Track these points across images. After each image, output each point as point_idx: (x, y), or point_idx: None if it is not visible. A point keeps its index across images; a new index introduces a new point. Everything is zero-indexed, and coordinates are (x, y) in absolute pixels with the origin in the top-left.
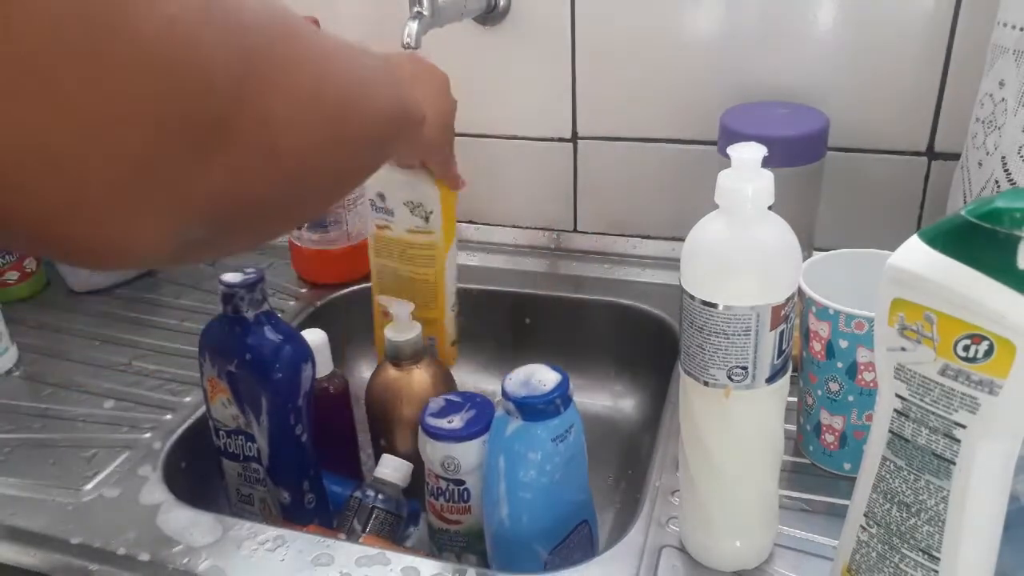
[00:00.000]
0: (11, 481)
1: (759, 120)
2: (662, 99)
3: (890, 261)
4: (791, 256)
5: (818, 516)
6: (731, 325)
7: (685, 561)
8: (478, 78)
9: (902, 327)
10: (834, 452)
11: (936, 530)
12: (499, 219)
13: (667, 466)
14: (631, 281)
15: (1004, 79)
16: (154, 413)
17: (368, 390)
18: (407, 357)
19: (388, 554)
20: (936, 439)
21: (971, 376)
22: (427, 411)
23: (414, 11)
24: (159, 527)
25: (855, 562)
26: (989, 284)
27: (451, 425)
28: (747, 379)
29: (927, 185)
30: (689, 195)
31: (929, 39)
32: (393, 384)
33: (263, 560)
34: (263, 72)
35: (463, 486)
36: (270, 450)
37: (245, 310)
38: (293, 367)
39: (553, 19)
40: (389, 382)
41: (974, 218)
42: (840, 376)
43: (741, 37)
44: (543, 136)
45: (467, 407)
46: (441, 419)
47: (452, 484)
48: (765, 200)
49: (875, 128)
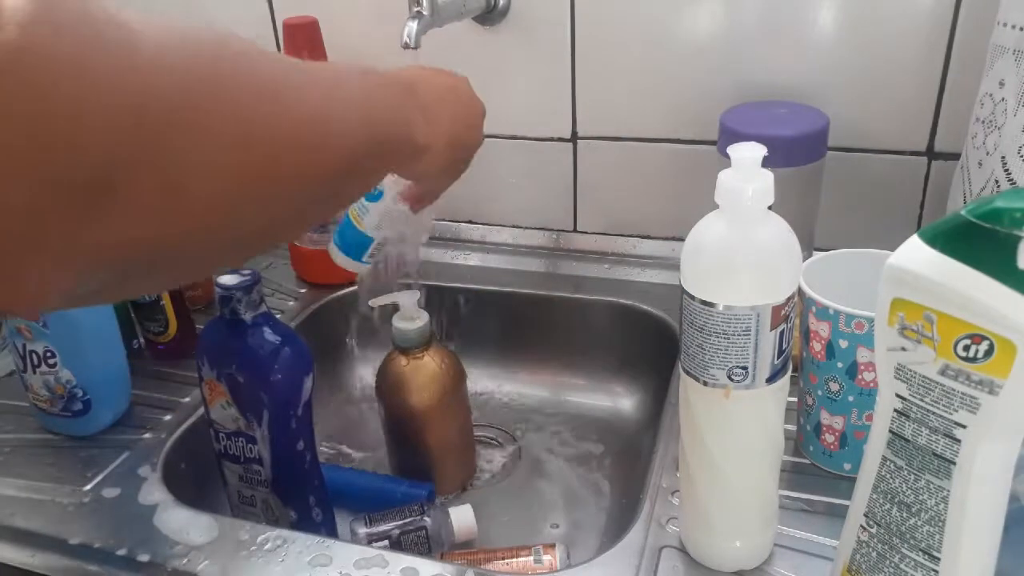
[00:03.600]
0: (11, 481)
1: (759, 120)
2: (662, 99)
3: (890, 261)
4: (791, 256)
5: (818, 516)
6: (731, 325)
7: (685, 561)
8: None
9: (902, 327)
10: (834, 452)
11: (936, 530)
12: (499, 219)
13: (667, 466)
14: (631, 281)
15: (1004, 79)
16: (154, 413)
17: (378, 379)
18: (415, 345)
19: (386, 555)
20: (936, 439)
21: (971, 376)
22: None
23: (414, 11)
24: (159, 527)
25: (855, 562)
26: (989, 284)
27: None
28: (747, 379)
29: (927, 185)
30: (689, 195)
31: (929, 39)
32: (403, 373)
33: (262, 560)
34: (168, 119)
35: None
36: (273, 466)
37: (243, 312)
38: (292, 369)
39: (553, 19)
40: (399, 371)
41: (974, 218)
42: (840, 376)
43: (741, 37)
44: (543, 136)
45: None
46: None
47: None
48: (765, 200)
49: (875, 128)
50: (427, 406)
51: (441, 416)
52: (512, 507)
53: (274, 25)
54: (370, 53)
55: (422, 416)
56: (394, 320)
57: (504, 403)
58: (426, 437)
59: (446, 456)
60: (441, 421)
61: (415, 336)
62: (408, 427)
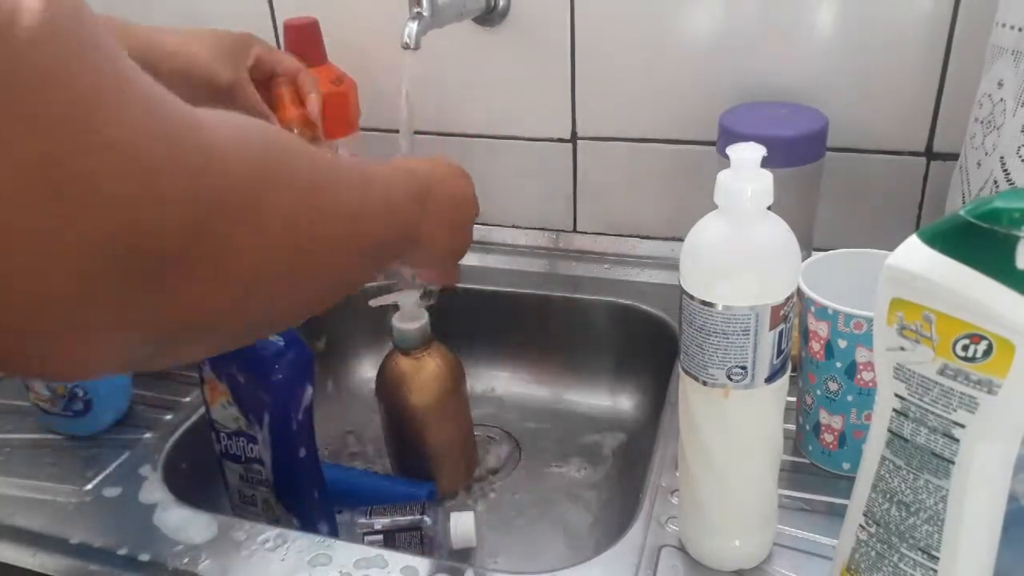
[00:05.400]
0: (11, 481)
1: (759, 120)
2: (662, 99)
3: (889, 261)
4: (790, 256)
5: (817, 516)
6: (730, 325)
7: (685, 561)
8: (478, 78)
9: (901, 327)
10: (833, 452)
11: (935, 529)
12: (498, 219)
13: (667, 466)
14: (630, 281)
15: (1003, 79)
16: (154, 413)
17: (378, 379)
18: (415, 345)
19: (386, 555)
20: (935, 438)
21: (970, 376)
22: None
23: (414, 11)
24: (159, 527)
25: (854, 561)
26: (988, 284)
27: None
28: (746, 379)
29: (926, 185)
30: (688, 195)
31: (928, 39)
32: (403, 373)
33: (263, 560)
34: (229, 213)
35: None
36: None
37: None
38: (294, 371)
39: (553, 19)
40: (399, 371)
41: (973, 218)
42: (839, 376)
43: (741, 37)
44: (543, 136)
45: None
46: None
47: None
48: (764, 200)
49: (874, 128)
50: (427, 406)
51: (441, 416)
52: (512, 507)
53: (274, 25)
54: (370, 53)
55: (422, 416)
56: (394, 320)
57: (503, 403)
58: (426, 437)
59: (446, 456)
60: (441, 421)
61: (415, 336)
62: (408, 427)
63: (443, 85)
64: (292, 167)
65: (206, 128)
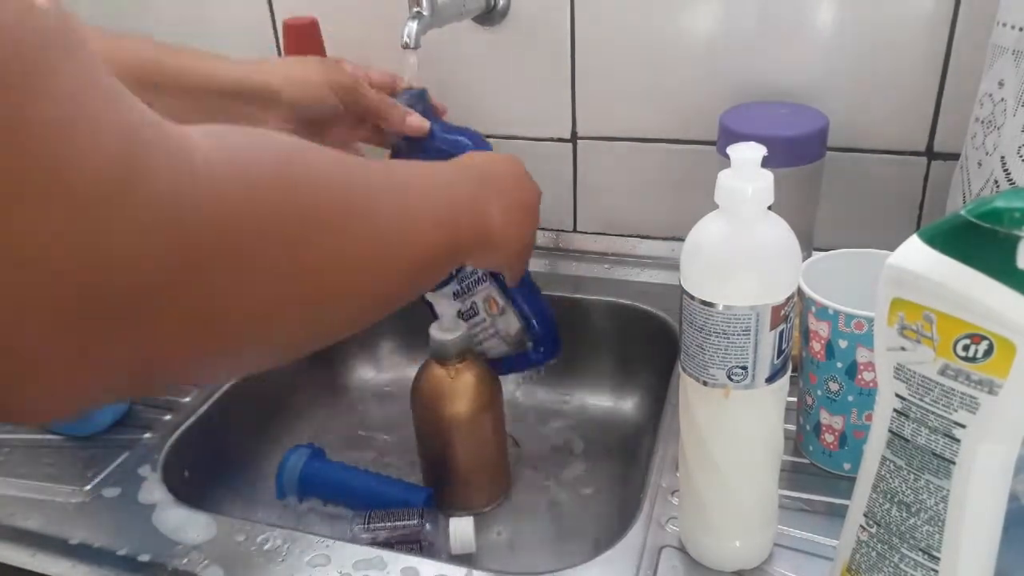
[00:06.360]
0: (11, 481)
1: (759, 120)
2: (662, 99)
3: (889, 261)
4: (791, 256)
5: (818, 516)
6: (731, 325)
7: (685, 561)
8: (478, 78)
9: (902, 327)
10: (834, 452)
11: (936, 530)
12: None
13: (667, 466)
14: (630, 281)
15: (1003, 79)
16: (154, 413)
17: (414, 389)
18: (452, 356)
19: (385, 556)
20: (936, 439)
21: (971, 376)
22: None
23: (414, 11)
24: (159, 527)
25: (855, 562)
26: (989, 284)
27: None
28: (747, 379)
29: (926, 185)
30: (689, 195)
31: (929, 39)
32: (439, 383)
33: (262, 560)
34: (214, 254)
35: None
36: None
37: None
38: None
39: (553, 19)
40: (435, 381)
41: (974, 218)
42: (840, 376)
43: (741, 37)
44: (543, 136)
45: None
46: None
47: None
48: (765, 200)
49: (875, 128)
50: (463, 418)
51: (476, 428)
52: (511, 507)
53: (274, 25)
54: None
55: (456, 428)
56: (431, 331)
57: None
58: (459, 449)
59: (478, 469)
60: (475, 434)
61: (453, 347)
62: (442, 438)
63: (443, 85)
64: (309, 198)
65: (200, 152)
